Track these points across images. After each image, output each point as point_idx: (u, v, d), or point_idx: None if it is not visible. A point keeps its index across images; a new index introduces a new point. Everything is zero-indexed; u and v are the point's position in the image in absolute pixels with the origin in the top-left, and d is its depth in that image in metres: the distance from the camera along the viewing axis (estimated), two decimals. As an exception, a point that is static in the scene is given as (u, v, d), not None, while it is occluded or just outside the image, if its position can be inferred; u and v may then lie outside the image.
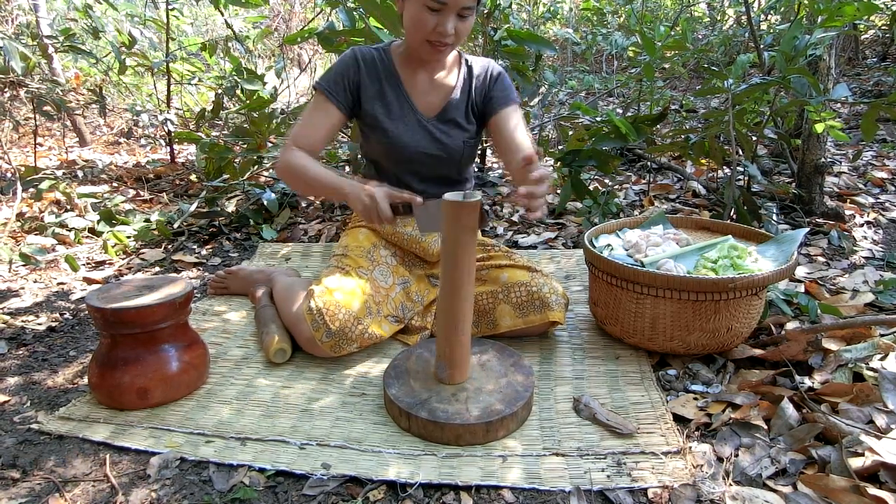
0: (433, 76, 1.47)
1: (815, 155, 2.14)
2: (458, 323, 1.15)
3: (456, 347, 1.17)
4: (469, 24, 1.33)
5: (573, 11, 6.23)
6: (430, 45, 1.32)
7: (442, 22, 1.28)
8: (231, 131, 2.74)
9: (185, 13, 4.33)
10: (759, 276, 1.24)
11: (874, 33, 5.37)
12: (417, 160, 1.49)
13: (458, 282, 1.12)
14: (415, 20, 1.30)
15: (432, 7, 1.26)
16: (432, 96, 1.48)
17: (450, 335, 1.16)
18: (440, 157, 1.49)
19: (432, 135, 1.47)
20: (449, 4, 1.26)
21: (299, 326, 1.37)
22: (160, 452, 1.09)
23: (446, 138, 1.48)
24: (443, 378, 1.20)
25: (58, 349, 1.53)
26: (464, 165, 1.57)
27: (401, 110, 1.46)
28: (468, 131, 1.50)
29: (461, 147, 1.50)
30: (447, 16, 1.27)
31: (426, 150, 1.47)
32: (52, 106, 2.94)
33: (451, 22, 1.28)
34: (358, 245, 1.53)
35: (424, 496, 0.98)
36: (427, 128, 1.47)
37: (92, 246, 2.27)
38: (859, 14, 1.77)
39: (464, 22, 1.31)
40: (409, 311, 1.50)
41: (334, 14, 2.36)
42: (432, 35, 1.30)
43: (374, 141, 1.50)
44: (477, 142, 1.55)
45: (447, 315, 1.15)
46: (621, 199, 2.52)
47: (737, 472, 1.00)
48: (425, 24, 1.28)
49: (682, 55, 3.26)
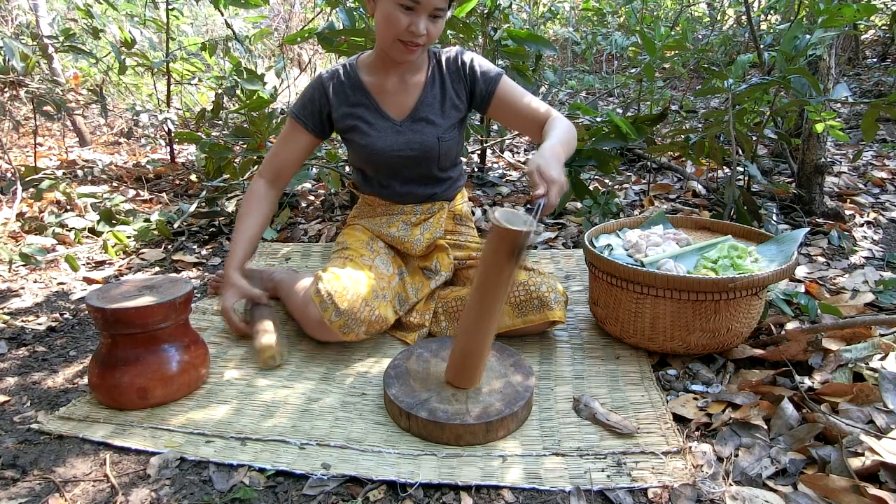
0: (403, 77, 1.48)
1: (815, 155, 2.14)
2: (479, 351, 1.15)
3: (472, 362, 1.17)
4: (440, 26, 1.34)
5: (573, 11, 6.23)
6: (402, 44, 1.33)
7: (415, 21, 1.29)
8: (231, 131, 2.74)
9: (185, 13, 4.34)
10: (759, 276, 1.24)
11: (874, 33, 5.37)
12: (395, 163, 1.50)
13: (486, 313, 1.09)
14: (387, 19, 1.30)
15: (406, 5, 1.27)
16: (402, 97, 1.48)
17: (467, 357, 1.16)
18: (416, 157, 1.50)
19: (405, 136, 1.48)
20: (422, 4, 1.27)
21: (307, 310, 1.36)
22: (160, 452, 1.09)
23: (419, 137, 1.48)
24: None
25: (58, 349, 1.53)
26: (443, 162, 1.54)
27: (372, 119, 1.48)
28: (441, 126, 1.49)
29: (436, 144, 1.49)
30: (420, 15, 1.29)
31: (400, 152, 1.48)
32: (52, 106, 2.94)
33: (423, 22, 1.29)
34: (357, 239, 1.56)
35: (424, 496, 0.98)
36: (400, 130, 1.48)
37: (92, 246, 2.27)
38: (859, 15, 1.77)
39: (435, 23, 1.32)
40: (405, 303, 1.50)
41: (334, 14, 2.36)
42: (404, 35, 1.31)
43: (353, 151, 1.56)
44: (455, 136, 1.52)
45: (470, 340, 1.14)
46: (621, 199, 2.52)
47: (737, 472, 1.00)
48: (398, 23, 1.29)
49: (682, 55, 3.26)
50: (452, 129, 1.51)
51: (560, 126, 1.34)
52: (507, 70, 2.53)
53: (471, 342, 1.13)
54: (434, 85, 1.49)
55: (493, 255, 1.03)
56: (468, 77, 1.49)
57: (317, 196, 2.81)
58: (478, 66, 1.48)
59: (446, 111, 1.49)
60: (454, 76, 1.49)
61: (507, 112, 1.49)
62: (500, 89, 1.47)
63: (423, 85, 1.48)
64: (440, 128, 1.49)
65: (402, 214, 1.60)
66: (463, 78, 1.49)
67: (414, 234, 1.57)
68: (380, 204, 1.61)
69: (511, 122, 1.51)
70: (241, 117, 3.13)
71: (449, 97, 1.49)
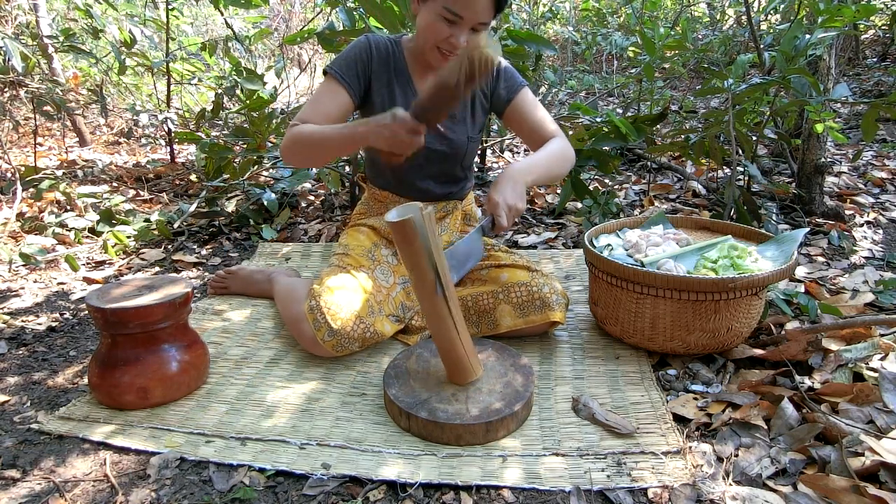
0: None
1: (816, 155, 2.14)
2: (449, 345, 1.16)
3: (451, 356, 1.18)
4: (482, 38, 1.33)
5: (573, 12, 6.23)
6: (438, 52, 1.32)
7: (456, 34, 1.27)
8: (231, 131, 2.74)
9: (185, 13, 4.33)
10: (759, 276, 1.24)
11: (874, 33, 5.37)
12: (422, 157, 1.47)
13: (428, 308, 1.12)
14: (429, 27, 1.29)
15: (449, 18, 1.26)
16: None
17: (444, 353, 1.18)
18: (445, 154, 1.50)
19: (438, 132, 1.46)
20: (465, 19, 1.25)
21: (301, 326, 1.37)
22: (160, 452, 1.09)
23: (452, 135, 1.48)
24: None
25: (58, 349, 1.53)
26: (466, 162, 1.58)
27: (408, 103, 1.44)
28: (471, 127, 1.51)
29: (465, 143, 1.50)
30: (462, 29, 1.27)
31: (431, 146, 1.46)
32: (52, 106, 2.94)
33: (464, 35, 1.28)
34: (359, 244, 1.53)
35: (424, 496, 0.98)
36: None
37: (92, 246, 2.27)
38: (858, 16, 1.77)
39: (477, 35, 1.29)
40: (410, 310, 1.50)
41: (334, 14, 2.36)
42: (443, 44, 1.30)
43: None
44: (479, 138, 1.56)
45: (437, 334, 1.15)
46: (621, 199, 2.52)
47: (737, 472, 1.00)
48: (439, 32, 1.28)
49: (682, 55, 3.26)
50: (480, 131, 1.54)
51: (554, 147, 1.39)
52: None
53: (437, 338, 1.16)
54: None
55: (402, 250, 1.07)
56: (493, 79, 1.49)
57: (317, 196, 2.81)
58: (504, 71, 1.49)
59: (476, 112, 1.51)
60: (486, 82, 1.49)
61: (518, 122, 1.50)
62: (519, 98, 1.48)
63: None
64: (471, 128, 1.50)
65: None
66: (493, 82, 1.49)
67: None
68: (392, 200, 1.59)
69: (520, 132, 1.53)
70: (241, 117, 3.13)
71: (479, 98, 1.50)
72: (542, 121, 1.48)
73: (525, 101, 1.49)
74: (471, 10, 1.24)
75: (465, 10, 1.24)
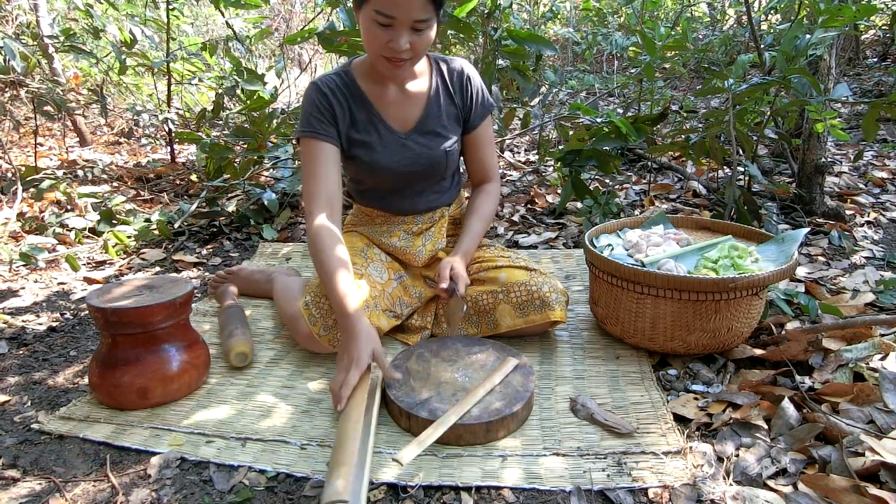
0: (403, 87, 1.41)
1: (816, 155, 2.14)
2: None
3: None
4: (427, 38, 1.23)
5: (573, 11, 6.23)
6: (386, 60, 1.25)
7: (395, 38, 1.19)
8: (231, 131, 2.74)
9: (186, 13, 4.33)
10: (760, 276, 1.24)
11: (874, 33, 5.37)
12: (400, 178, 1.45)
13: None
14: (367, 35, 1.23)
15: (381, 22, 1.18)
16: (406, 109, 1.41)
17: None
18: (423, 172, 1.46)
19: (412, 150, 1.42)
20: (399, 19, 1.17)
21: (297, 323, 1.37)
22: (161, 452, 1.09)
23: (427, 151, 1.43)
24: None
25: (58, 349, 1.53)
26: (448, 171, 1.52)
27: (376, 132, 1.40)
28: (449, 138, 1.45)
29: (444, 156, 1.45)
30: (399, 31, 1.19)
31: (408, 167, 1.43)
32: (52, 106, 2.94)
33: (404, 37, 1.20)
34: (352, 245, 1.50)
35: (425, 496, 0.98)
36: (406, 144, 1.42)
37: (92, 246, 2.27)
38: (858, 16, 1.77)
39: (420, 36, 1.22)
40: (407, 306, 1.50)
41: (334, 14, 2.36)
42: (385, 51, 1.22)
43: (354, 165, 1.46)
44: (457, 146, 1.49)
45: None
46: (622, 199, 2.52)
47: (737, 472, 1.00)
48: (377, 39, 1.21)
49: (683, 55, 3.26)
50: (456, 141, 1.48)
51: (485, 211, 1.52)
52: (507, 70, 2.53)
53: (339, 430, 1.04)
54: (438, 95, 1.44)
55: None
56: (471, 99, 1.46)
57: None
58: (480, 93, 1.47)
59: (451, 122, 1.46)
60: (457, 88, 1.45)
61: (472, 152, 1.54)
62: (483, 126, 1.50)
63: (427, 95, 1.42)
64: (446, 140, 1.45)
65: (402, 224, 1.54)
66: (466, 96, 1.46)
67: (416, 245, 1.53)
68: (378, 215, 1.56)
69: (468, 160, 1.56)
70: (242, 117, 3.13)
71: (453, 108, 1.46)
72: (491, 160, 1.54)
73: (485, 135, 1.51)
74: (400, 8, 1.16)
75: (395, 10, 1.16)
